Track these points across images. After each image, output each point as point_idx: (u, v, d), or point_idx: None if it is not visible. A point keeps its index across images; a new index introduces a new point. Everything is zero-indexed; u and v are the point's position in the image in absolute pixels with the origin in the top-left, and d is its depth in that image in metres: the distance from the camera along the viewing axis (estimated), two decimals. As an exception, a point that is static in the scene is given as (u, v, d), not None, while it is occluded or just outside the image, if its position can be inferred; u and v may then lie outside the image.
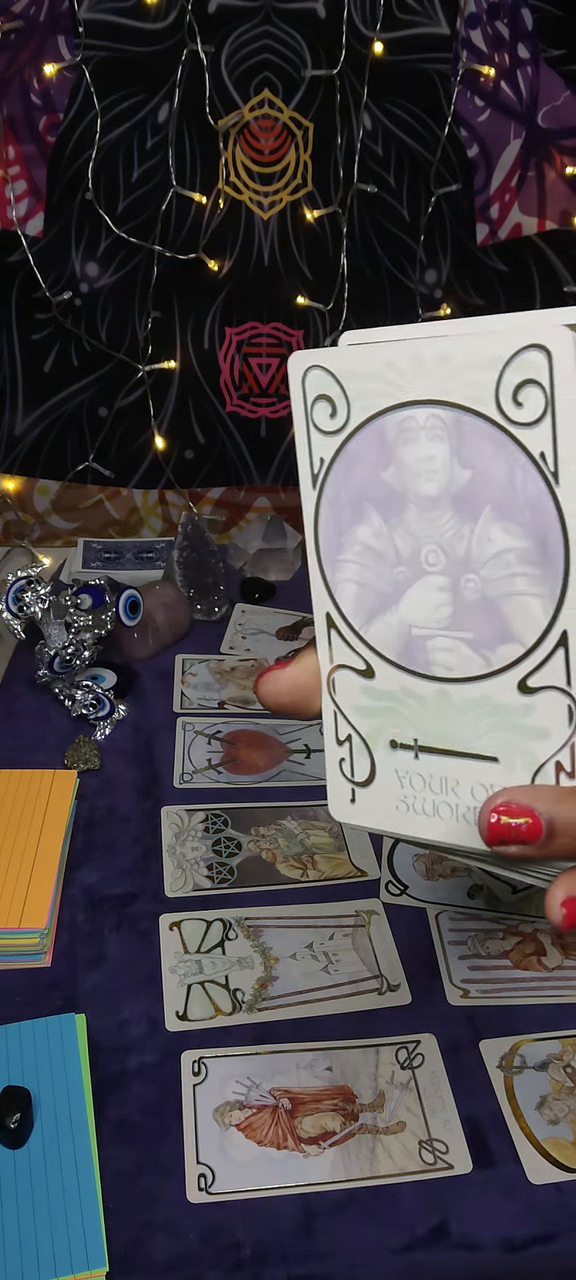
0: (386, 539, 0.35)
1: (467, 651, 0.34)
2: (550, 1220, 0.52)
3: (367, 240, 1.28)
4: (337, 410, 0.34)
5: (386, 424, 0.33)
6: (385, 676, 0.36)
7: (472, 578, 0.33)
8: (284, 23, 1.18)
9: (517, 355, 0.30)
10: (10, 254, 1.23)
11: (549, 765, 0.33)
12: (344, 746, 0.38)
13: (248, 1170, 0.54)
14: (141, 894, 0.73)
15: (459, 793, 0.36)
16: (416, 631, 0.35)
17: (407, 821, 0.37)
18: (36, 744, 0.90)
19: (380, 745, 0.37)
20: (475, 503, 0.32)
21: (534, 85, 1.23)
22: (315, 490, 0.36)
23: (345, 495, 0.35)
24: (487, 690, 0.34)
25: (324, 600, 0.37)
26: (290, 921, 0.71)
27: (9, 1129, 0.53)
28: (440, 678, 0.35)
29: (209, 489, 1.37)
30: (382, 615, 0.36)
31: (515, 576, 0.32)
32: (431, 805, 0.37)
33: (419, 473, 0.33)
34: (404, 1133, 0.56)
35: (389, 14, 1.19)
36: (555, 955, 0.68)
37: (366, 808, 0.38)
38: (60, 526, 1.35)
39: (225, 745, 0.91)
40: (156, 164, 1.22)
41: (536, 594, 0.32)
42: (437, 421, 0.32)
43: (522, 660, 0.33)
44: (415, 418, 0.33)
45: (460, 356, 0.31)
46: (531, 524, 0.31)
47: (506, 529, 0.32)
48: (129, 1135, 0.56)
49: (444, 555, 0.34)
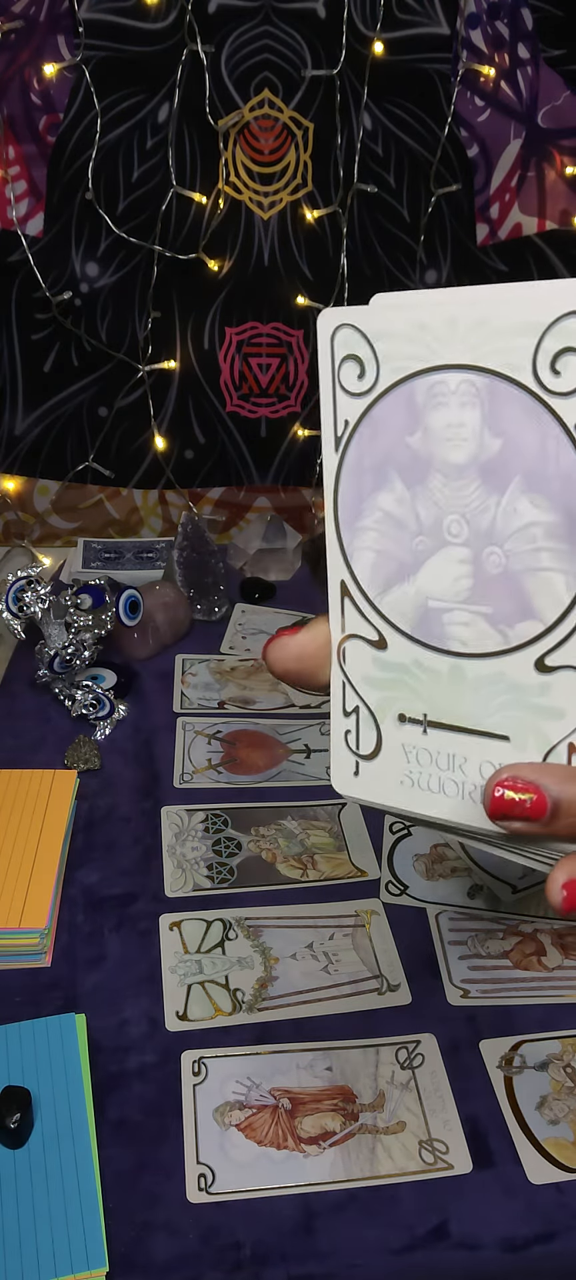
0: (408, 507, 0.34)
1: (485, 626, 0.33)
2: (550, 1220, 0.52)
3: (367, 240, 1.28)
4: (366, 371, 0.33)
5: (416, 387, 0.33)
6: (398, 648, 0.36)
7: (496, 550, 0.32)
8: (284, 23, 1.18)
9: (558, 322, 0.29)
10: (10, 254, 1.23)
11: (561, 746, 0.33)
12: (351, 718, 0.37)
13: (248, 1170, 0.54)
14: (141, 894, 0.73)
15: (466, 770, 0.35)
16: (433, 604, 0.34)
17: (412, 797, 0.37)
18: (36, 744, 0.90)
19: (388, 718, 0.37)
20: (504, 473, 0.32)
21: (534, 85, 1.23)
22: (337, 454, 0.35)
23: (369, 460, 0.34)
24: (503, 667, 0.33)
25: (339, 567, 0.36)
26: (290, 921, 0.71)
27: (9, 1129, 0.53)
28: (455, 652, 0.34)
29: (209, 489, 1.37)
30: (399, 585, 0.35)
31: (540, 551, 0.31)
32: (437, 782, 0.36)
33: (447, 439, 0.32)
34: (404, 1133, 0.56)
35: (389, 14, 1.18)
36: (555, 955, 0.68)
37: (370, 782, 0.38)
38: (60, 526, 1.35)
39: (225, 745, 0.91)
40: (156, 164, 1.22)
41: (561, 570, 0.31)
42: (470, 387, 0.31)
43: (542, 638, 0.32)
44: (447, 382, 0.32)
45: (497, 321, 0.30)
46: (561, 497, 0.31)
47: (534, 501, 0.31)
48: (129, 1135, 0.56)
49: (467, 526, 0.33)
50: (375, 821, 0.81)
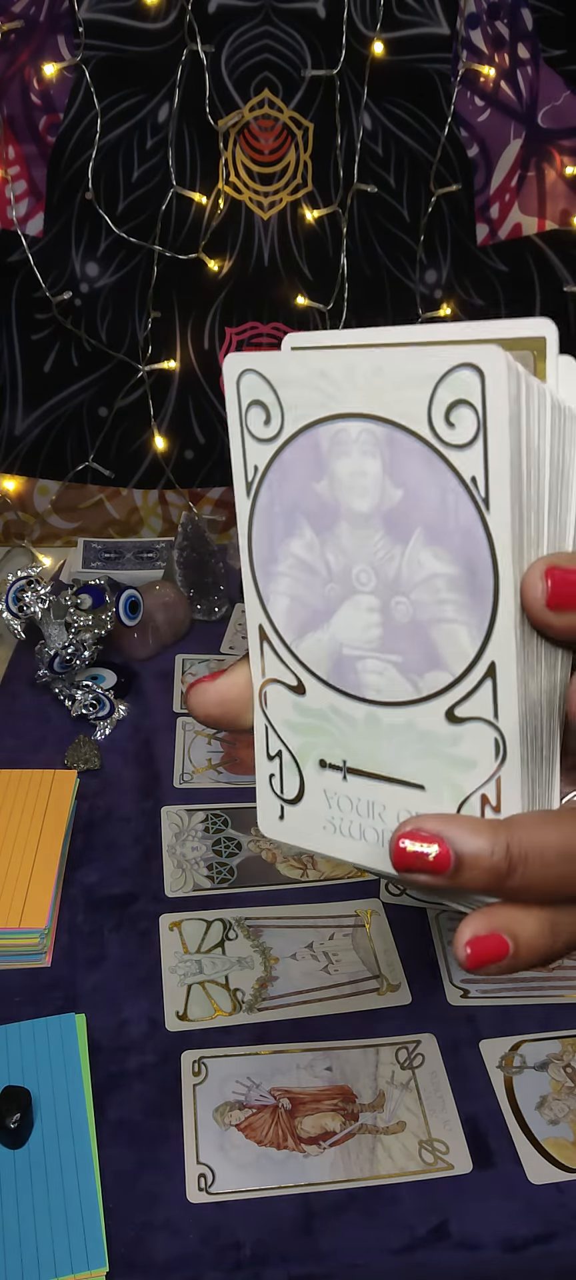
0: (318, 554, 0.33)
1: (396, 675, 0.33)
2: (550, 1220, 0.52)
3: (367, 240, 1.28)
4: (272, 418, 0.33)
5: (320, 435, 0.32)
6: (316, 694, 0.35)
7: (403, 600, 0.32)
8: (284, 23, 1.18)
9: (450, 374, 0.29)
10: (10, 254, 1.23)
11: (474, 798, 0.32)
12: (274, 762, 0.37)
13: (248, 1170, 0.54)
14: (141, 894, 0.73)
15: (385, 818, 0.35)
16: (347, 651, 0.34)
17: (333, 842, 0.36)
18: (36, 744, 0.90)
19: (309, 763, 0.36)
20: (406, 523, 0.31)
21: (534, 85, 1.23)
22: (249, 499, 0.35)
23: (279, 505, 0.34)
24: (415, 716, 0.33)
25: (257, 612, 0.36)
26: (290, 921, 0.71)
27: (9, 1129, 0.53)
28: (369, 700, 0.34)
29: (209, 489, 1.37)
30: (314, 631, 0.34)
31: (444, 603, 0.31)
32: (358, 828, 0.35)
33: (351, 487, 0.32)
34: (404, 1133, 0.56)
35: (389, 14, 1.18)
36: (555, 955, 0.68)
37: (294, 826, 0.37)
38: (60, 526, 1.35)
39: (225, 745, 0.91)
40: (156, 164, 1.22)
41: (464, 622, 0.31)
42: (370, 436, 0.31)
43: (451, 689, 0.32)
44: (348, 430, 0.31)
45: (393, 370, 0.30)
46: (461, 550, 0.30)
47: (436, 554, 0.31)
48: (129, 1135, 0.56)
49: (374, 575, 0.32)
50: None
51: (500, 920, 0.31)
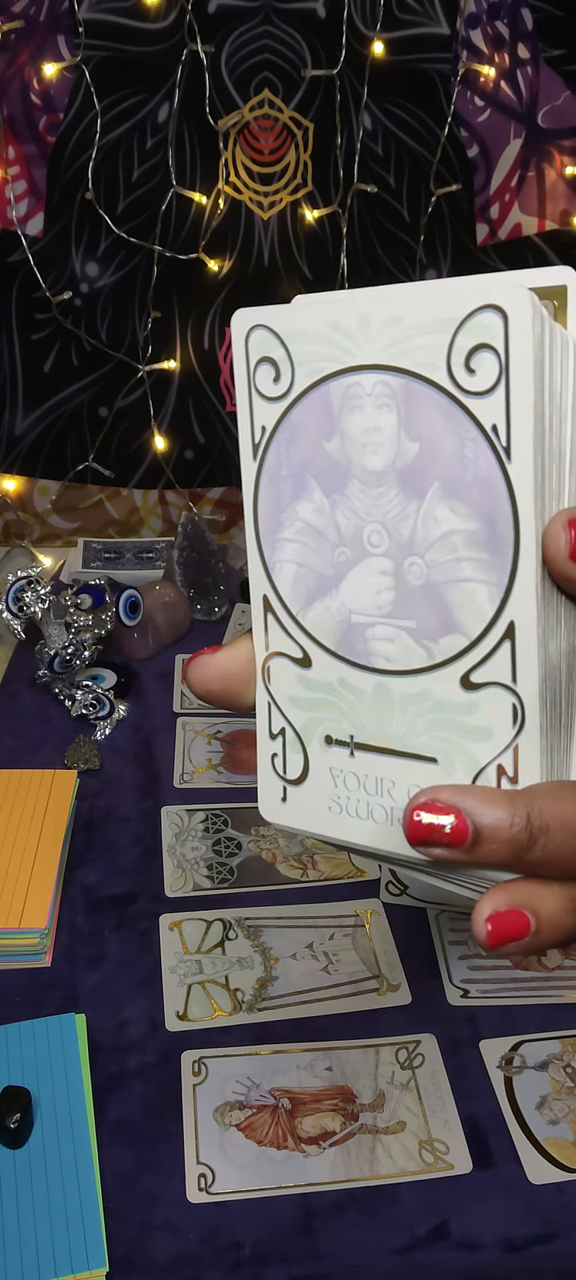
0: (328, 516, 0.32)
1: (409, 642, 0.31)
2: (550, 1220, 0.52)
3: (367, 240, 1.28)
4: (281, 374, 0.32)
5: (332, 390, 0.31)
6: (322, 666, 0.34)
7: (417, 561, 0.30)
8: (284, 23, 1.18)
9: (471, 317, 0.27)
10: (10, 254, 1.23)
11: (490, 769, 0.31)
12: (276, 741, 0.36)
13: (248, 1170, 0.54)
14: (141, 894, 0.73)
15: (394, 795, 0.33)
16: (356, 618, 0.32)
17: (339, 824, 0.35)
18: (36, 744, 0.90)
19: (314, 741, 0.35)
20: (422, 479, 0.30)
21: (534, 85, 1.23)
22: (255, 462, 0.33)
23: (287, 467, 0.32)
24: (429, 685, 0.31)
25: (261, 581, 0.34)
26: (290, 921, 0.71)
27: (9, 1129, 0.53)
28: (380, 669, 0.32)
29: (209, 489, 1.37)
30: (322, 600, 0.33)
31: (461, 561, 0.30)
32: (365, 807, 0.34)
33: (364, 444, 0.31)
34: (404, 1133, 0.56)
35: (389, 14, 1.18)
36: (555, 955, 0.68)
37: (297, 808, 0.36)
38: (60, 526, 1.35)
39: (225, 745, 0.91)
40: (156, 164, 1.22)
41: (483, 581, 0.29)
42: (385, 389, 0.30)
43: (466, 653, 0.30)
44: (361, 384, 0.30)
45: (410, 318, 0.29)
46: (480, 504, 0.29)
47: (453, 508, 0.29)
48: (129, 1135, 0.56)
49: (387, 536, 0.31)
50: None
51: (521, 895, 0.30)
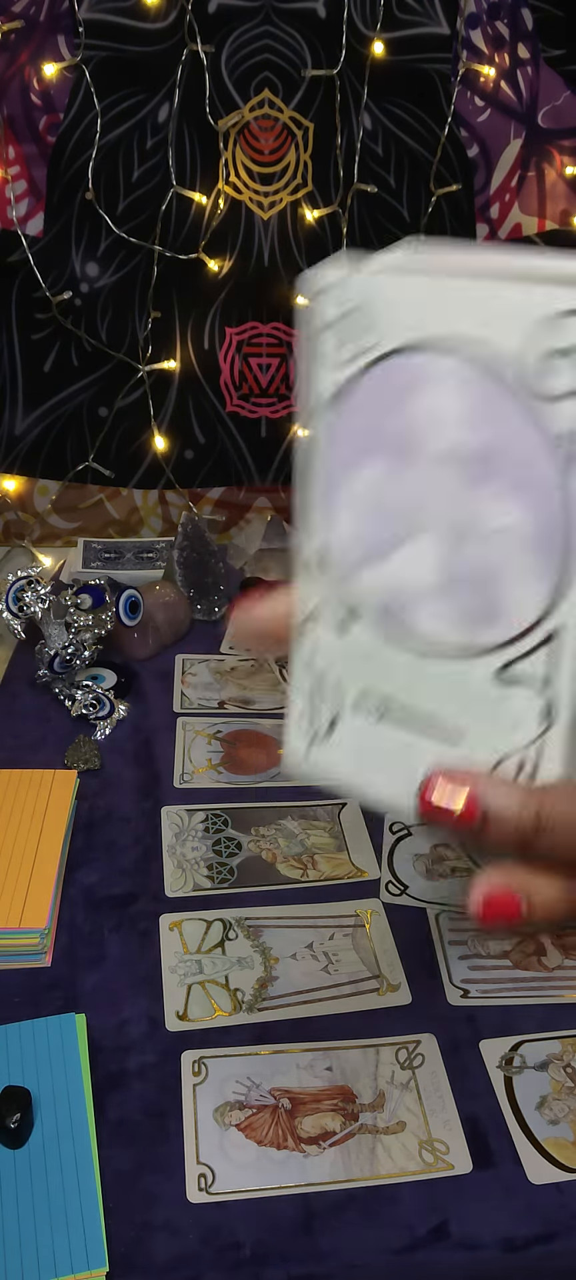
0: (388, 489, 0.32)
1: (451, 624, 0.31)
2: (550, 1220, 0.52)
3: (368, 240, 1.28)
4: (354, 339, 0.31)
5: (404, 364, 0.30)
6: (361, 633, 0.34)
7: (470, 549, 0.30)
8: (284, 23, 1.18)
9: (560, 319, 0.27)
10: (10, 254, 1.23)
11: (511, 759, 0.31)
12: (307, 696, 0.36)
13: (248, 1170, 0.54)
14: (141, 894, 0.73)
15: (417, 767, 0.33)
16: (402, 592, 0.32)
17: (360, 782, 0.35)
18: (36, 744, 0.90)
19: (344, 702, 0.35)
20: (484, 469, 0.29)
21: (534, 85, 1.23)
22: (317, 423, 0.33)
23: (347, 436, 0.32)
24: (464, 669, 0.31)
25: (312, 540, 0.34)
26: (290, 921, 0.71)
27: (9, 1129, 0.53)
28: (419, 646, 0.32)
29: (209, 489, 1.37)
30: (369, 569, 0.33)
31: (513, 558, 0.29)
32: (387, 774, 0.34)
33: (431, 424, 0.30)
34: (404, 1133, 0.56)
35: (389, 14, 1.18)
36: (555, 955, 0.68)
37: (320, 762, 0.36)
38: (60, 526, 1.35)
39: (225, 745, 0.91)
40: (156, 164, 1.22)
41: (532, 582, 0.29)
42: (457, 373, 0.29)
43: (507, 646, 0.30)
44: (434, 364, 0.29)
45: (492, 305, 0.28)
46: (539, 507, 0.28)
47: (513, 505, 0.29)
48: (129, 1135, 0.56)
49: (443, 518, 0.31)
50: (375, 821, 0.81)
51: (518, 880, 0.31)
